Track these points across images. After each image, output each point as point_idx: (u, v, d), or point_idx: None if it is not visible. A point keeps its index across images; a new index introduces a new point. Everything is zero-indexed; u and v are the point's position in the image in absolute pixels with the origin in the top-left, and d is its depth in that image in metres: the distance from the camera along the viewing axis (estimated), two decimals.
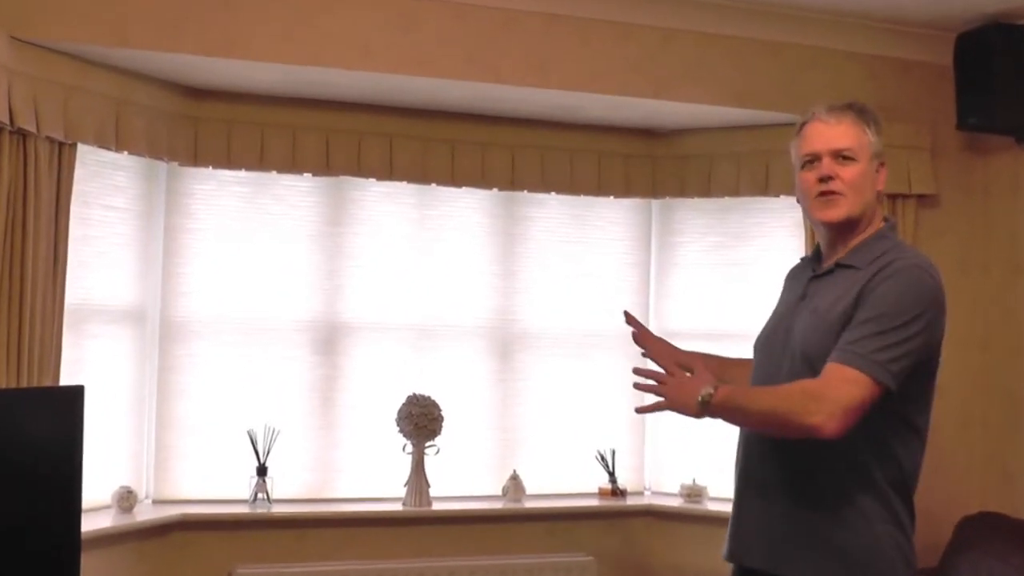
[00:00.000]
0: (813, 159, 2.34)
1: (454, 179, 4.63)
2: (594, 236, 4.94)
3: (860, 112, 2.36)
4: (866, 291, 2.19)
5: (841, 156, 2.31)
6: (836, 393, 2.10)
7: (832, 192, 2.30)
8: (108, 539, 3.91)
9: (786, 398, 2.14)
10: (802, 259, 2.60)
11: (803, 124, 2.41)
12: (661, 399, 2.27)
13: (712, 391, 2.19)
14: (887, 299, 2.16)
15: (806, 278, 2.40)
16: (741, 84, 4.37)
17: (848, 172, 2.30)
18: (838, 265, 2.33)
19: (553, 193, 4.81)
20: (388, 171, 4.51)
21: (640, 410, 2.36)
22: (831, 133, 2.32)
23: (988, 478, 4.51)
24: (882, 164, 2.37)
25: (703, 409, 2.20)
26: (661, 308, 5.00)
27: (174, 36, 3.76)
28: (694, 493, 4.74)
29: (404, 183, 4.60)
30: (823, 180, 2.31)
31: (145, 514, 4.17)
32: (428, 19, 4.02)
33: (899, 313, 2.15)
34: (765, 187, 4.64)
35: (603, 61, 4.21)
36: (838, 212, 2.30)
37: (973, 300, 4.52)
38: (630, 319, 2.57)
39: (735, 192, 4.72)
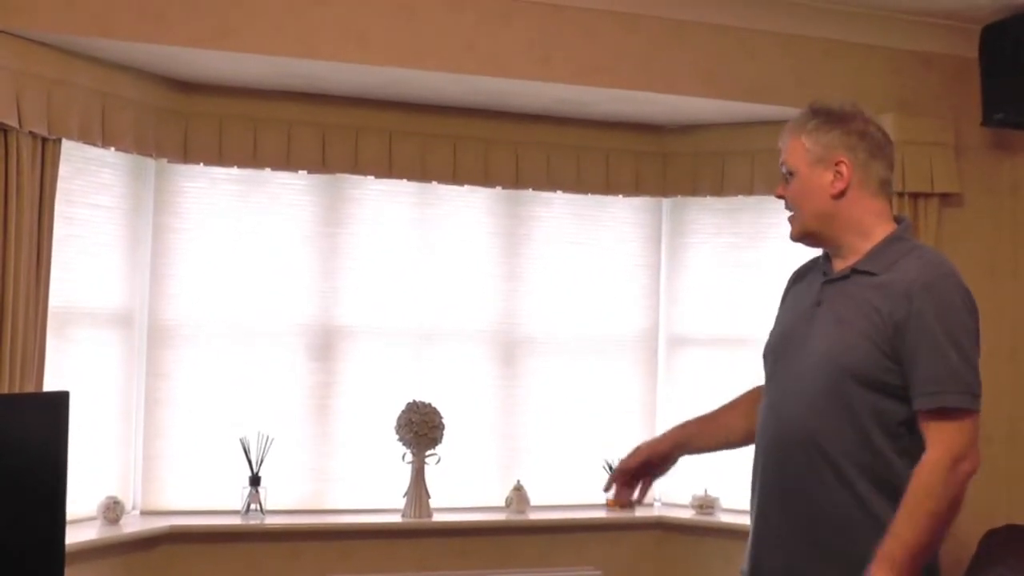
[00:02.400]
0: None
1: (455, 177, 4.59)
2: (602, 237, 4.89)
3: (800, 117, 2.33)
4: (913, 314, 2.13)
5: (785, 174, 2.33)
6: (964, 444, 2.10)
7: (788, 211, 2.34)
8: (93, 552, 3.89)
9: (933, 490, 2.07)
10: (813, 260, 2.49)
11: None
12: None
13: None
14: (945, 323, 2.13)
15: (818, 282, 2.34)
16: (755, 78, 4.32)
17: (790, 190, 2.32)
18: (854, 271, 2.26)
19: (559, 192, 4.78)
20: (387, 168, 4.48)
21: None
22: (782, 149, 2.35)
23: (1014, 491, 4.46)
24: (836, 163, 2.26)
25: None
26: (671, 311, 4.97)
27: (162, 27, 3.72)
28: (706, 504, 4.70)
29: (403, 181, 4.56)
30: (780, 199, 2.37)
31: (132, 526, 4.15)
32: (427, 9, 3.98)
33: (958, 331, 2.14)
34: None
35: (610, 54, 4.17)
36: (792, 231, 2.34)
37: (1000, 306, 4.44)
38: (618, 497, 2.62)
39: (749, 191, 4.69)
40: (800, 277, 2.46)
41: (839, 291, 2.26)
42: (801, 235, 2.32)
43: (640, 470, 2.53)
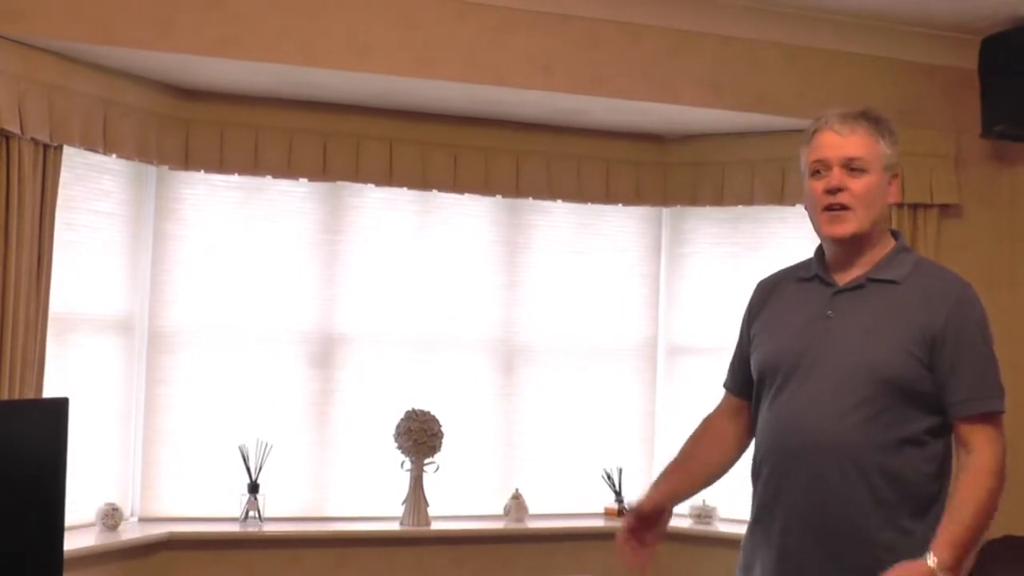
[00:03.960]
0: (822, 168, 2.26)
1: (456, 185, 4.58)
2: (602, 246, 4.88)
3: (874, 121, 2.28)
4: (952, 324, 2.17)
5: (851, 167, 2.23)
6: (1002, 448, 2.17)
7: (841, 205, 2.22)
8: (92, 558, 3.87)
9: (983, 491, 2.12)
10: (785, 272, 2.47)
11: (814, 131, 2.31)
12: None
13: (934, 560, 2.05)
14: (981, 332, 2.20)
15: (823, 293, 2.29)
16: (755, 89, 4.32)
17: (858, 184, 2.22)
18: (869, 280, 2.25)
19: (559, 201, 4.77)
20: (387, 176, 4.47)
21: None
22: (843, 142, 2.24)
23: (1012, 502, 4.35)
24: (895, 176, 2.29)
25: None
26: (670, 320, 4.96)
27: (164, 34, 3.71)
28: (704, 514, 4.69)
29: (404, 189, 4.55)
30: (831, 192, 2.23)
31: (131, 532, 4.13)
32: (429, 18, 3.98)
33: (991, 340, 2.22)
34: (780, 196, 4.60)
35: (611, 64, 4.16)
36: (846, 228, 2.23)
37: (998, 317, 4.32)
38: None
39: (749, 201, 4.68)
40: (780, 287, 2.41)
41: (857, 301, 2.24)
42: (853, 234, 2.22)
43: (641, 527, 2.42)
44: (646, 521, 2.40)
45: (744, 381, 2.43)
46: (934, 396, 2.16)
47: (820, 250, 2.37)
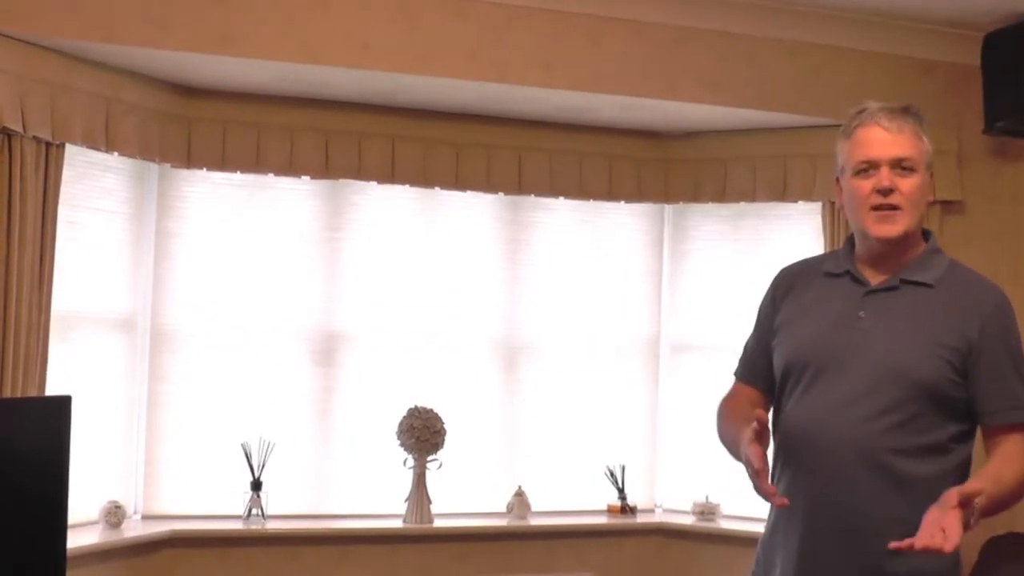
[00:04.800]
0: (869, 167, 2.18)
1: (458, 182, 4.57)
2: (604, 243, 4.87)
3: (918, 118, 2.22)
4: (988, 333, 2.16)
5: (901, 166, 2.17)
6: None
7: (891, 206, 2.16)
8: (95, 556, 3.86)
9: None
10: (808, 263, 2.42)
11: (856, 125, 2.23)
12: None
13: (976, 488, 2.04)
14: (1018, 341, 2.19)
15: (855, 291, 2.24)
16: (757, 85, 4.30)
17: (908, 184, 2.16)
18: (903, 281, 2.21)
19: (561, 198, 4.76)
20: (389, 174, 4.45)
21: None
22: (891, 140, 2.17)
23: None
24: (931, 174, 2.25)
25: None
26: (673, 317, 4.95)
27: (166, 32, 3.70)
28: (707, 511, 4.68)
29: (406, 186, 4.54)
30: (882, 192, 2.16)
31: (134, 530, 4.13)
32: (430, 15, 3.97)
33: (1021, 350, 2.20)
34: (783, 192, 4.58)
35: (613, 60, 4.15)
36: (896, 228, 2.17)
37: None
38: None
39: (751, 197, 4.67)
40: (806, 279, 2.35)
41: (888, 302, 2.20)
42: (903, 234, 2.18)
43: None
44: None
45: (762, 369, 2.36)
46: (963, 403, 2.13)
47: (849, 244, 2.31)
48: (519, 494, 4.60)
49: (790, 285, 2.37)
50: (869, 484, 2.11)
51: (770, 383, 2.34)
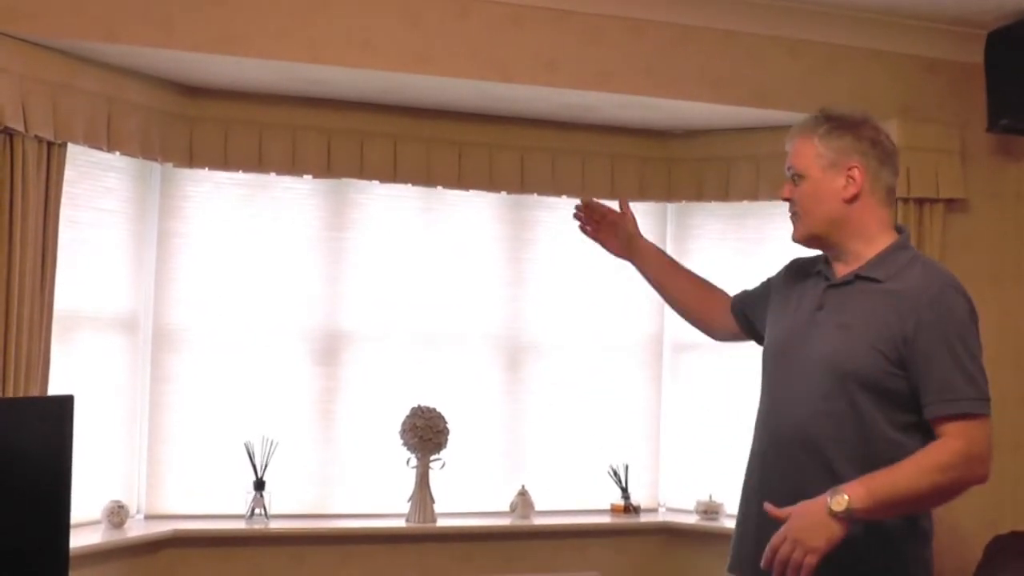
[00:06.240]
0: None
1: (461, 182, 4.56)
2: None
3: (813, 123, 2.33)
4: (923, 325, 2.15)
5: (793, 175, 2.34)
6: (983, 447, 2.13)
7: (792, 213, 2.35)
8: (97, 556, 3.86)
9: (948, 468, 2.10)
10: (815, 259, 2.49)
11: None
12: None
13: (846, 497, 2.03)
14: (956, 332, 2.16)
15: (821, 286, 2.34)
16: (760, 84, 4.30)
17: (798, 191, 2.32)
18: (857, 276, 2.28)
19: (564, 196, 4.73)
20: (392, 173, 4.45)
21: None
22: (788, 154, 2.36)
23: (1020, 498, 4.41)
24: (852, 167, 2.28)
25: (846, 520, 2.04)
26: (676, 317, 4.84)
27: (168, 31, 3.70)
28: (711, 510, 4.68)
29: (408, 186, 4.53)
30: (787, 201, 2.36)
31: (136, 530, 4.12)
32: (432, 14, 3.97)
33: (969, 339, 2.17)
34: None
35: (615, 59, 4.14)
36: (796, 233, 2.35)
37: (1004, 312, 4.41)
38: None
39: (754, 196, 4.67)
40: (800, 273, 2.45)
41: (843, 296, 2.27)
42: (806, 238, 2.33)
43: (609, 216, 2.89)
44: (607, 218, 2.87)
45: (745, 304, 2.60)
46: (908, 395, 2.16)
47: None
48: (522, 493, 4.59)
49: (789, 277, 2.50)
50: (813, 471, 2.19)
51: (743, 316, 2.61)
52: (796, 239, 2.35)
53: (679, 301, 2.81)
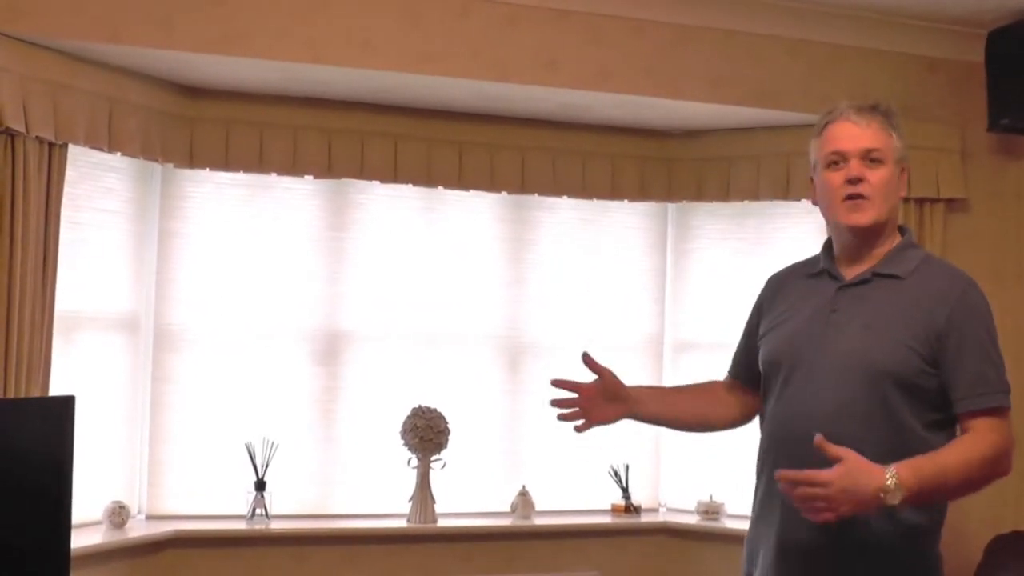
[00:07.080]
0: (839, 160, 2.29)
1: (461, 182, 4.55)
2: (607, 241, 4.86)
3: (887, 114, 2.33)
4: (955, 322, 2.18)
5: (870, 158, 2.26)
6: (1012, 441, 2.17)
7: (860, 196, 2.25)
8: (99, 556, 3.85)
9: (990, 463, 2.13)
10: (794, 267, 2.51)
11: (827, 123, 2.35)
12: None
13: (901, 495, 2.01)
14: (985, 328, 2.21)
15: (829, 287, 2.32)
16: (760, 83, 4.30)
17: (876, 175, 2.25)
18: (875, 274, 2.27)
19: (565, 196, 4.74)
20: (392, 173, 4.44)
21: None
22: (860, 133, 2.27)
23: (1022, 497, 4.37)
24: (903, 169, 2.33)
25: (897, 503, 2.02)
26: (676, 316, 4.93)
27: (168, 32, 3.70)
28: (711, 510, 4.67)
29: (409, 186, 4.52)
30: (851, 182, 2.25)
31: (137, 530, 4.11)
32: (432, 15, 3.96)
33: (995, 334, 2.23)
34: (786, 190, 4.56)
35: (616, 59, 4.14)
36: (866, 216, 2.26)
37: (1005, 311, 4.31)
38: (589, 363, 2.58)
39: (754, 196, 4.66)
40: (790, 282, 2.45)
41: (861, 296, 2.26)
42: (873, 223, 2.26)
43: (591, 392, 2.57)
44: (599, 391, 2.56)
45: (746, 367, 2.48)
46: (937, 392, 2.17)
47: (828, 245, 2.39)
48: (523, 493, 4.58)
49: (775, 291, 2.49)
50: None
51: (752, 377, 2.46)
52: (864, 223, 2.25)
53: (682, 422, 2.67)
